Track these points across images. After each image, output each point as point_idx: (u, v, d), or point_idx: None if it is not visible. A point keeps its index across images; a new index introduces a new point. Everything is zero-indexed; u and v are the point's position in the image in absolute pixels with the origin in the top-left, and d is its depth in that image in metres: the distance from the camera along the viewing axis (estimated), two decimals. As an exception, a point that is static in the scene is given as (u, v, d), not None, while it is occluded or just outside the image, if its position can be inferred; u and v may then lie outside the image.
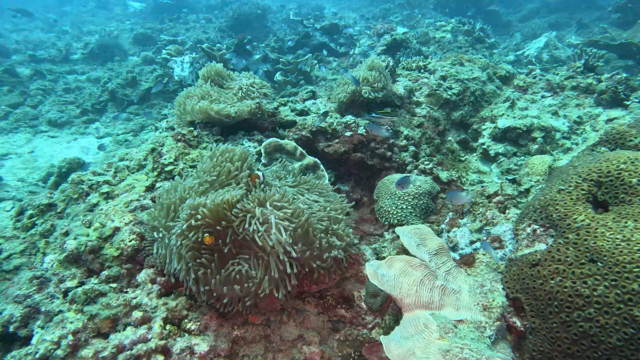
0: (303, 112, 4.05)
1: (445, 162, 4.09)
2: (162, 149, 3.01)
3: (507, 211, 2.70)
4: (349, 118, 3.94)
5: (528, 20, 15.74)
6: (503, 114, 4.24)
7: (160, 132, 4.65)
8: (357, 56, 8.82)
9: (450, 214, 3.23)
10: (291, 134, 3.65)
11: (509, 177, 3.57)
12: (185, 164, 2.89)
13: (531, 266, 2.04)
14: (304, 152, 3.35)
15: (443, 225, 3.12)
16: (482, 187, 2.96)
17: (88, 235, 2.29)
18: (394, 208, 3.31)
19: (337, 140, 3.80)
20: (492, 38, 10.22)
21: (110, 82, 9.02)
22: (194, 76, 6.58)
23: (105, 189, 2.88)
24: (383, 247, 2.66)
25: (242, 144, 3.27)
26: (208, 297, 2.07)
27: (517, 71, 8.21)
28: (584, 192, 2.07)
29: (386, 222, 3.34)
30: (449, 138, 4.40)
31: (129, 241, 2.26)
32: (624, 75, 4.14)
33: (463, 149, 4.40)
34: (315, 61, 9.20)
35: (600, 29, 8.36)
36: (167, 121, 4.28)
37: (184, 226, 2.00)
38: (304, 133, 3.68)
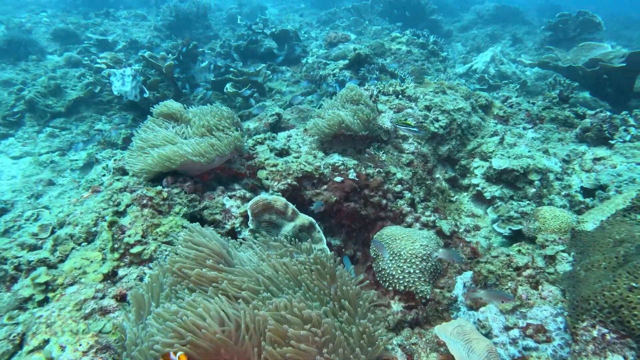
0: (283, 152, 3.49)
1: (438, 206, 3.76)
2: (123, 219, 2.32)
3: (539, 287, 2.39)
4: (336, 159, 3.46)
5: (467, 31, 16.32)
6: (493, 151, 4.00)
7: (104, 170, 3.86)
8: (319, 69, 8.30)
9: (459, 279, 2.88)
10: (275, 183, 3.09)
11: (514, 227, 3.32)
12: (156, 240, 2.23)
13: (609, 384, 1.71)
14: (295, 209, 2.81)
15: (457, 293, 2.76)
16: (508, 256, 2.63)
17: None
18: (399, 272, 2.89)
19: (325, 186, 3.30)
20: (444, 51, 10.25)
21: (26, 88, 7.71)
22: (137, 91, 5.71)
23: (42, 276, 2.14)
24: (413, 344, 2.23)
25: (222, 204, 2.65)
26: None
27: (489, 92, 8.25)
28: (661, 291, 1.79)
29: (390, 288, 2.92)
30: (437, 175, 4.08)
31: (91, 385, 1.60)
32: (608, 113, 4.09)
33: (452, 186, 4.11)
34: (269, 72, 8.58)
35: (547, 50, 8.64)
36: (115, 160, 3.50)
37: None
38: (289, 181, 3.14)
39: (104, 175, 3.81)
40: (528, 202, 3.53)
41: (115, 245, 2.17)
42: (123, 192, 2.69)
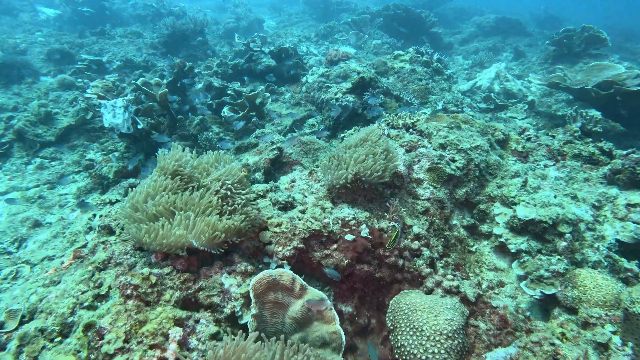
0: (287, 205, 3.15)
1: (459, 261, 3.41)
2: (101, 319, 1.96)
3: (593, 386, 2.04)
4: (346, 212, 3.12)
5: (468, 43, 16.11)
6: (516, 196, 3.67)
7: (90, 222, 3.51)
8: (319, 90, 7.99)
9: (490, 358, 2.53)
10: (280, 247, 2.74)
11: (547, 292, 2.97)
12: (142, 342, 1.87)
13: None
14: (304, 284, 2.46)
15: (490, 379, 2.41)
16: (553, 346, 2.28)
17: None
18: (422, 351, 2.54)
19: (335, 245, 2.95)
20: (449, 69, 9.97)
21: (16, 116, 7.38)
22: (129, 123, 5.37)
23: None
24: None
25: (221, 283, 2.30)
26: None
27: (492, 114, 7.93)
28: None
29: (412, 370, 2.56)
30: (454, 222, 3.74)
31: None
32: (641, 153, 3.77)
33: (470, 234, 3.77)
34: (268, 94, 8.27)
35: (558, 70, 8.36)
36: (101, 215, 3.16)
37: None
38: (295, 243, 2.79)
39: (89, 228, 3.46)
40: (559, 257, 3.18)
41: (92, 356, 1.82)
42: (106, 270, 2.34)
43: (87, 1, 14.61)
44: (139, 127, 5.54)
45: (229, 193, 2.50)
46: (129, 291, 2.03)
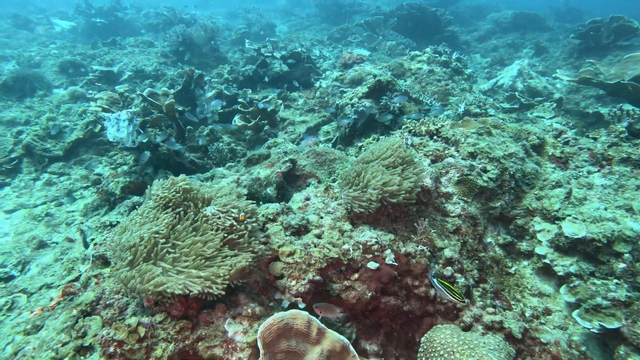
0: (301, 229, 2.79)
1: (497, 287, 3.00)
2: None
3: None
4: (368, 236, 2.74)
5: (485, 41, 15.56)
6: (559, 209, 3.23)
7: (85, 254, 3.23)
8: (333, 95, 7.63)
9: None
10: (293, 282, 2.38)
11: (608, 325, 2.54)
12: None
13: None
14: (321, 327, 2.10)
15: None
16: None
17: None
18: (463, 403, 2.15)
19: (356, 275, 2.58)
20: (469, 68, 9.50)
21: (25, 131, 7.23)
22: (133, 136, 5.12)
23: None
24: None
25: (224, 331, 1.96)
26: None
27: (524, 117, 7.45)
28: None
29: None
30: (488, 240, 3.33)
31: None
32: None
33: (507, 253, 3.35)
34: (280, 101, 7.96)
35: (587, 64, 7.81)
36: (95, 244, 2.86)
37: None
38: (311, 276, 2.43)
39: (84, 256, 3.18)
40: (617, 281, 2.74)
41: None
42: (93, 314, 2.02)
43: (100, 12, 14.62)
44: (144, 140, 5.27)
45: (234, 223, 2.16)
46: (111, 349, 1.70)
